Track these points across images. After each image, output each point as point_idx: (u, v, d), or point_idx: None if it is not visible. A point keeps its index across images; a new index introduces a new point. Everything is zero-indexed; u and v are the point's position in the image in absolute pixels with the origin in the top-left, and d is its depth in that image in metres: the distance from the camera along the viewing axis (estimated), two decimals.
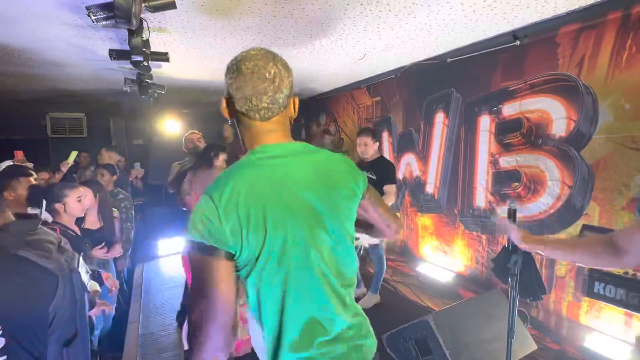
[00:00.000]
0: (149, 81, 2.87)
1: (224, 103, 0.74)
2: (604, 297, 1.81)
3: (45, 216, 1.61)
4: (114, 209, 2.44)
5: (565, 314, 2.02)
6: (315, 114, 4.98)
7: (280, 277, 0.70)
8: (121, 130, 5.43)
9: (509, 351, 1.47)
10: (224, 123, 4.59)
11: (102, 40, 2.27)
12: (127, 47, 2.39)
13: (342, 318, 0.75)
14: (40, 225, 0.95)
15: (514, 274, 1.42)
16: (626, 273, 1.76)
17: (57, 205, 1.75)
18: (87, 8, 1.37)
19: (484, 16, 2.02)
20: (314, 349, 0.71)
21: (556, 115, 2.04)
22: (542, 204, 2.11)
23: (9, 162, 2.24)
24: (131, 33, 1.62)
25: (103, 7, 1.39)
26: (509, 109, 2.31)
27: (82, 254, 1.19)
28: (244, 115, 0.72)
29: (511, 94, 2.28)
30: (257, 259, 0.68)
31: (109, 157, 3.13)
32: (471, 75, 2.57)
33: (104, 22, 1.43)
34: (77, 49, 2.42)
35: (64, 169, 2.96)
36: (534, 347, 1.82)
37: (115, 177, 2.86)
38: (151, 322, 2.52)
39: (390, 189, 2.39)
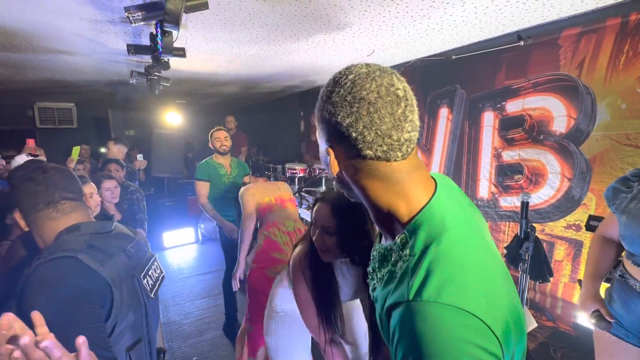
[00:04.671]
0: (158, 74, 2.86)
1: (332, 155, 0.55)
2: None
3: None
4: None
5: (560, 295, 2.23)
6: (314, 106, 5.02)
7: None
8: (120, 122, 5.32)
9: None
10: (227, 115, 4.58)
11: (116, 34, 2.25)
12: (141, 42, 2.39)
13: None
14: (116, 225, 0.99)
15: (524, 260, 1.59)
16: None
17: None
18: (126, 9, 1.39)
19: (493, 18, 2.13)
20: None
21: (557, 113, 2.20)
22: (543, 194, 2.29)
23: (24, 156, 2.21)
24: (163, 33, 1.64)
25: (141, 7, 1.41)
26: (512, 106, 2.45)
27: (154, 257, 1.18)
28: (377, 160, 0.52)
29: (514, 92, 2.42)
30: None
31: (118, 150, 3.09)
32: (475, 72, 2.69)
33: (141, 23, 1.46)
34: (88, 41, 2.38)
35: (71, 166, 2.93)
36: (534, 324, 2.01)
37: (124, 172, 2.87)
38: (170, 311, 2.60)
39: None
